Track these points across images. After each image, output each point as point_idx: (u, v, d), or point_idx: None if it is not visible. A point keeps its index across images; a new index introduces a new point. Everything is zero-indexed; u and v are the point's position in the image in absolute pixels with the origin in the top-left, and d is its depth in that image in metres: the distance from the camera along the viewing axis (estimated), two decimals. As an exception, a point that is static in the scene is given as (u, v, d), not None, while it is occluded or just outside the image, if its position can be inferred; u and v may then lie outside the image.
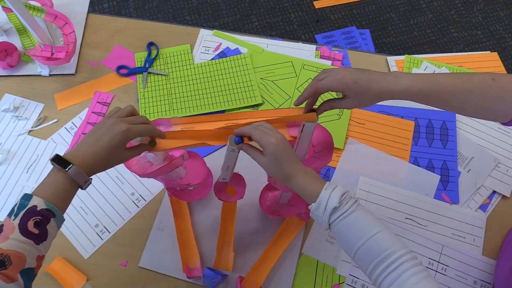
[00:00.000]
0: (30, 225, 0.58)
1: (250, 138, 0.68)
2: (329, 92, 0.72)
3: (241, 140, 0.69)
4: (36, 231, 0.58)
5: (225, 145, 0.72)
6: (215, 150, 1.02)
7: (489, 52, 1.17)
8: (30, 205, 0.58)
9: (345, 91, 0.69)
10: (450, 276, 0.90)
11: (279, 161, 0.66)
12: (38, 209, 0.58)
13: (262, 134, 0.66)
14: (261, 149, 0.67)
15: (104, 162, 0.65)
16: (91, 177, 0.64)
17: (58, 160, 0.62)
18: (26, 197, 0.59)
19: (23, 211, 0.58)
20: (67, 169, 0.61)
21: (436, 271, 0.90)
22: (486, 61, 1.15)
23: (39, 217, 0.58)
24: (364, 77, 0.69)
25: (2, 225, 0.58)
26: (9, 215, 0.59)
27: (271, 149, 0.65)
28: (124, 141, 0.65)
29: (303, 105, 0.74)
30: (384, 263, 0.59)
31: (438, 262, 0.91)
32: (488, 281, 0.90)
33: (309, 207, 0.65)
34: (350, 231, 0.62)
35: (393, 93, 0.69)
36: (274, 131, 0.67)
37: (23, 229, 0.57)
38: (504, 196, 0.98)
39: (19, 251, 0.56)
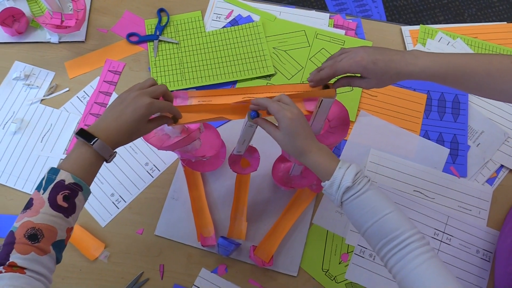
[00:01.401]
0: (59, 199, 0.59)
1: (266, 111, 0.69)
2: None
3: (257, 114, 0.69)
4: (65, 204, 0.60)
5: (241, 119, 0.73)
6: (229, 121, 1.03)
7: (505, 23, 1.15)
8: (57, 179, 0.60)
9: (364, 73, 0.69)
10: (454, 245, 0.93)
11: (294, 136, 0.66)
12: (66, 183, 0.60)
13: (278, 107, 0.66)
14: (277, 124, 0.68)
15: (128, 135, 0.65)
16: (115, 150, 0.65)
17: (82, 134, 0.62)
18: (53, 171, 0.60)
19: (52, 185, 0.59)
20: (92, 143, 0.62)
21: (441, 241, 0.94)
22: (502, 32, 1.13)
23: (67, 191, 0.60)
24: (383, 58, 0.68)
25: (32, 199, 0.60)
26: (38, 189, 0.60)
27: (286, 123, 0.65)
28: (148, 114, 0.65)
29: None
30: (393, 243, 0.61)
31: (443, 232, 0.94)
32: (490, 250, 0.93)
33: (322, 184, 0.67)
34: (361, 210, 0.64)
35: (411, 74, 0.68)
36: (292, 106, 0.67)
37: (52, 203, 0.59)
38: (511, 170, 0.99)
39: (50, 225, 0.58)
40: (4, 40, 1.09)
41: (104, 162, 0.66)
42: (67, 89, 1.05)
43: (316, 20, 1.13)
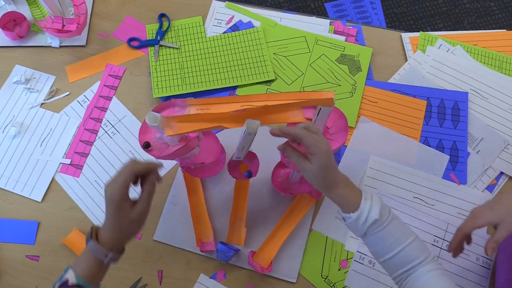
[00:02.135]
0: None
1: (293, 140, 0.67)
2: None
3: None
4: None
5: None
6: (228, 127, 1.03)
7: (504, 30, 1.15)
8: (64, 278, 0.62)
9: (500, 221, 0.74)
10: (453, 252, 0.93)
11: (327, 170, 0.65)
12: (69, 283, 0.61)
13: (315, 140, 0.63)
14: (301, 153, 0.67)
15: (119, 232, 0.65)
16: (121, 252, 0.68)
17: (91, 233, 0.64)
18: (66, 269, 0.63)
19: (58, 284, 0.62)
20: (87, 244, 0.64)
21: (440, 248, 0.93)
22: (501, 39, 1.13)
23: None
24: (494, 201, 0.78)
25: None
26: (54, 284, 0.62)
27: (322, 157, 0.63)
28: (114, 204, 0.63)
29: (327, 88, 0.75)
30: (411, 270, 0.64)
31: (443, 239, 0.94)
32: (490, 257, 0.93)
33: (346, 216, 0.66)
34: (386, 241, 0.65)
35: None
36: (323, 137, 0.66)
37: None
38: (511, 177, 0.99)
39: None
40: (5, 44, 1.09)
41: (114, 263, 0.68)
42: (68, 93, 1.06)
43: (316, 26, 1.14)
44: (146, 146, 0.73)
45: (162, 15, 1.13)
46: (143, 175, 0.67)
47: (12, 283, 0.90)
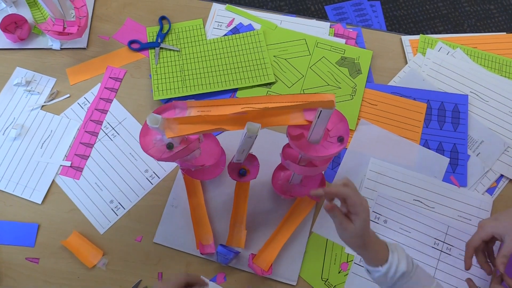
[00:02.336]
0: None
1: (331, 199, 0.67)
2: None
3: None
4: None
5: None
6: (228, 129, 1.03)
7: (504, 33, 1.15)
8: None
9: (504, 233, 0.76)
10: (454, 255, 0.93)
11: (365, 229, 0.65)
12: None
13: (360, 199, 0.63)
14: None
15: None
16: None
17: None
18: None
19: None
20: None
21: (441, 251, 0.93)
22: (501, 42, 1.13)
23: None
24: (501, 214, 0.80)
25: None
26: None
27: (364, 216, 0.64)
28: None
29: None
30: None
31: (443, 242, 0.94)
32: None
33: (373, 269, 0.67)
34: None
35: None
36: (361, 195, 0.66)
37: None
38: (511, 180, 0.99)
39: None
40: (6, 46, 1.10)
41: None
42: (68, 95, 1.06)
43: (316, 29, 1.14)
44: (170, 147, 0.74)
45: (162, 18, 1.14)
46: (189, 285, 0.72)
47: (12, 286, 0.90)
